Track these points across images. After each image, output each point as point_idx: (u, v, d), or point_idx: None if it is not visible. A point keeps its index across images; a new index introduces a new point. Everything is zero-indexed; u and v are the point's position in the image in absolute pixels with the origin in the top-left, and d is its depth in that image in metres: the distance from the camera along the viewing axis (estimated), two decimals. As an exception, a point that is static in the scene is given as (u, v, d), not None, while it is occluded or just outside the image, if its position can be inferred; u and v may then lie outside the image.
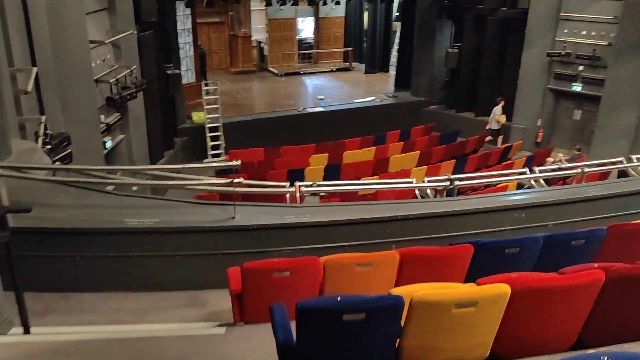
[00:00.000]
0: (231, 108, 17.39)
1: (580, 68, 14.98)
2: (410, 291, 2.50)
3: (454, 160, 13.97)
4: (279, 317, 2.73)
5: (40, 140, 6.71)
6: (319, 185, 4.47)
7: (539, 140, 16.27)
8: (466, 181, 4.45)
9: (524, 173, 5.00)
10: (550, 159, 14.78)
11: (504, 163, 14.14)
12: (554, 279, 2.88)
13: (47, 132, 7.11)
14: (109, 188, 4.66)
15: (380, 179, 12.93)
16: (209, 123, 15.40)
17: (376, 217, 4.05)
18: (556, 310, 2.82)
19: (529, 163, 14.55)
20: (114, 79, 10.03)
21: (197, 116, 15.84)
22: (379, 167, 13.85)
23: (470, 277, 3.50)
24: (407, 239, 4.12)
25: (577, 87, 15.18)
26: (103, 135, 10.03)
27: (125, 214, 3.95)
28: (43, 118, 7.13)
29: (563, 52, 14.82)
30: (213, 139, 15.48)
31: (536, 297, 2.76)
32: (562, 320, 2.89)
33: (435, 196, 4.60)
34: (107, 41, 10.06)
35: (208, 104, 15.55)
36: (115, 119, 10.62)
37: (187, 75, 17.46)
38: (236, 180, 3.76)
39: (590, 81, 14.91)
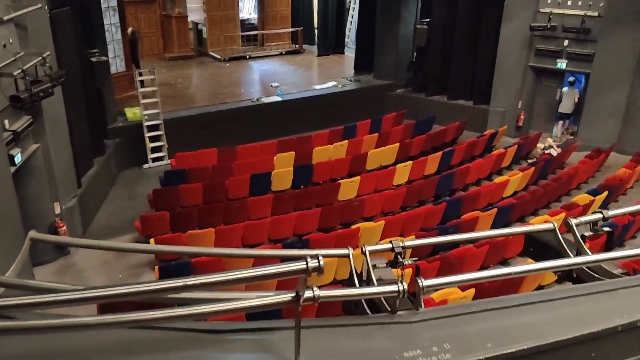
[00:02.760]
0: (170, 101, 14.77)
1: (566, 43, 13.61)
2: None
3: (440, 152, 12.28)
4: None
5: None
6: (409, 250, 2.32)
7: (519, 124, 14.89)
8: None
9: None
10: (540, 145, 13.39)
11: (495, 152, 12.58)
12: None
13: None
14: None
15: (361, 179, 10.99)
16: (147, 120, 12.82)
17: (578, 335, 2.00)
18: None
19: (520, 152, 13.09)
20: (20, 71, 7.41)
21: (132, 112, 13.18)
22: (356, 165, 11.99)
23: None
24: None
25: (562, 64, 13.81)
26: (9, 148, 7.41)
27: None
28: None
29: (548, 26, 13.35)
30: (153, 139, 12.93)
31: None
32: None
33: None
34: (6, 18, 7.41)
35: (145, 97, 12.93)
36: (25, 124, 7.98)
37: (116, 62, 14.69)
38: (307, 293, 1.61)
39: (576, 57, 13.58)
